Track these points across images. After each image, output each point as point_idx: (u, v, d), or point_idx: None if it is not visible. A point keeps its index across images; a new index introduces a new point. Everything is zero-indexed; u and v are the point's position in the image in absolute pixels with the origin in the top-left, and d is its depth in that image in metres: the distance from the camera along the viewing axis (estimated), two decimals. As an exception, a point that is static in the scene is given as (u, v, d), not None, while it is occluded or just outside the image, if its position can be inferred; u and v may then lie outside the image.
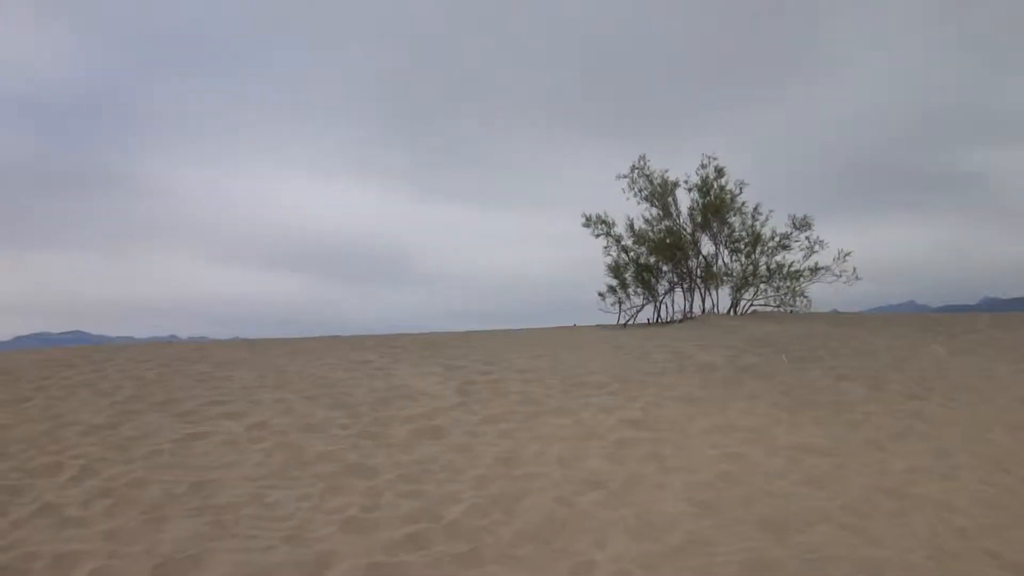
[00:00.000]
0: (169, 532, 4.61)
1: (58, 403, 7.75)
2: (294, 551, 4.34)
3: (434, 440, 6.46)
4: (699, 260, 17.45)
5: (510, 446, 6.28)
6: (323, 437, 6.51)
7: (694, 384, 8.50)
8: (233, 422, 6.97)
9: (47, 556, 4.26)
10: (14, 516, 4.85)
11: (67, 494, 5.23)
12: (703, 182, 17.23)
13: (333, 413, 7.25)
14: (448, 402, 7.72)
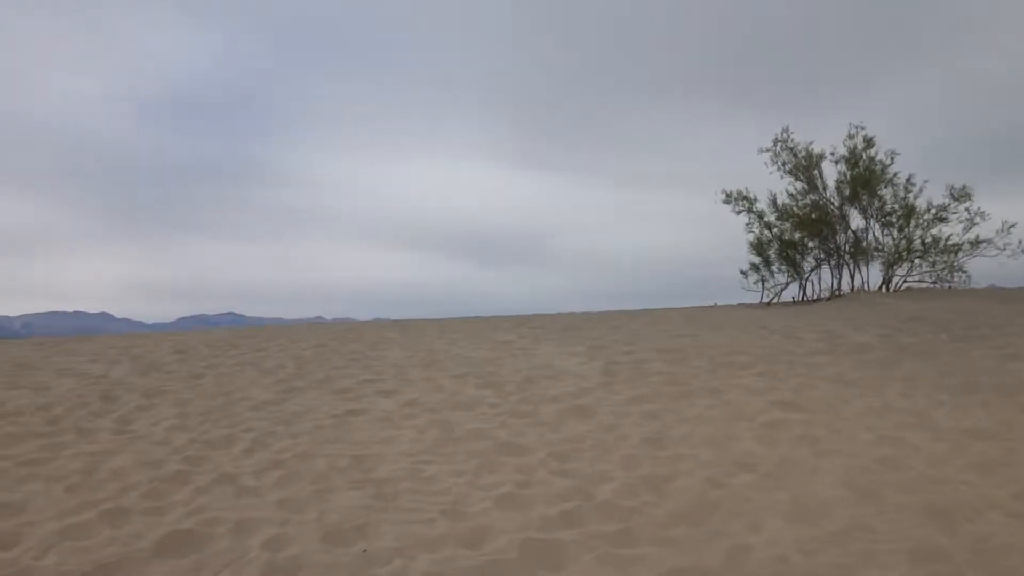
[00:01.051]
0: (335, 502, 4.88)
1: (228, 380, 8.29)
2: (453, 525, 4.52)
3: (581, 419, 6.56)
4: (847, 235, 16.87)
5: (657, 427, 6.31)
6: (473, 415, 6.73)
7: (846, 365, 8.28)
8: (387, 399, 7.28)
9: (228, 522, 4.59)
10: (196, 484, 5.24)
11: (241, 465, 5.61)
12: (851, 153, 16.62)
13: (482, 392, 7.47)
14: (592, 382, 7.80)
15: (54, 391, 7.90)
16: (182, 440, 6.17)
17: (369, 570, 3.97)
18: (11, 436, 6.26)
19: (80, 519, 4.63)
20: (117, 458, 5.74)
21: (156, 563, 4.09)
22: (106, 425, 6.62)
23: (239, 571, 3.97)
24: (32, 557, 4.17)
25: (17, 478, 5.34)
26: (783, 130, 17.01)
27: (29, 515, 4.73)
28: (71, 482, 5.27)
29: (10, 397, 7.60)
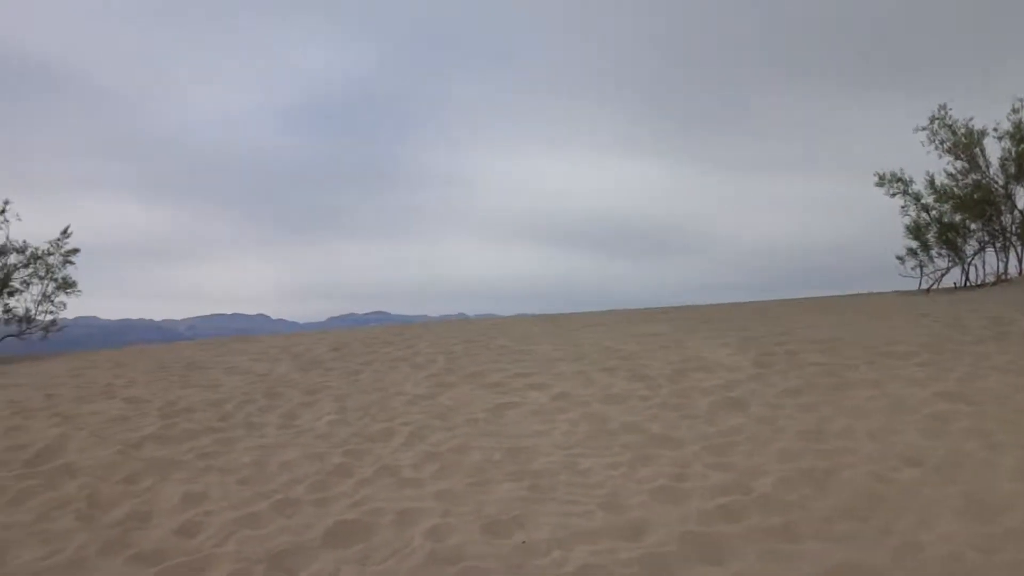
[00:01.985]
0: (493, 494, 4.97)
1: (383, 376, 8.56)
2: (610, 517, 4.53)
3: (735, 412, 6.43)
4: (1014, 215, 15.84)
5: (814, 419, 6.12)
6: (625, 408, 6.71)
7: (1017, 353, 7.79)
8: (538, 392, 7.35)
9: (391, 512, 4.74)
10: (359, 476, 5.44)
11: (400, 457, 5.79)
12: (1016, 128, 15.59)
13: (632, 384, 7.43)
14: (744, 374, 7.64)
15: (223, 388, 8.36)
16: (344, 434, 6.42)
17: (529, 561, 4.03)
18: (188, 431, 6.67)
19: (254, 509, 4.90)
20: (284, 451, 6.03)
21: (325, 551, 4.28)
22: (272, 420, 6.96)
23: (403, 560, 4.10)
24: (213, 544, 4.44)
25: (197, 470, 5.69)
26: (940, 107, 16.11)
27: (208, 504, 5.03)
28: (244, 474, 5.57)
29: (184, 395, 8.10)
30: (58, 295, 15.30)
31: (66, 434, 6.64)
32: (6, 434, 6.72)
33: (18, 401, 8.15)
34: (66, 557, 4.32)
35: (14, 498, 5.23)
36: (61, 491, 5.35)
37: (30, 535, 4.64)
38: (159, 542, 4.50)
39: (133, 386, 8.79)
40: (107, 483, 5.49)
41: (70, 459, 5.97)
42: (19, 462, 5.94)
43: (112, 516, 4.92)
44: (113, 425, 6.95)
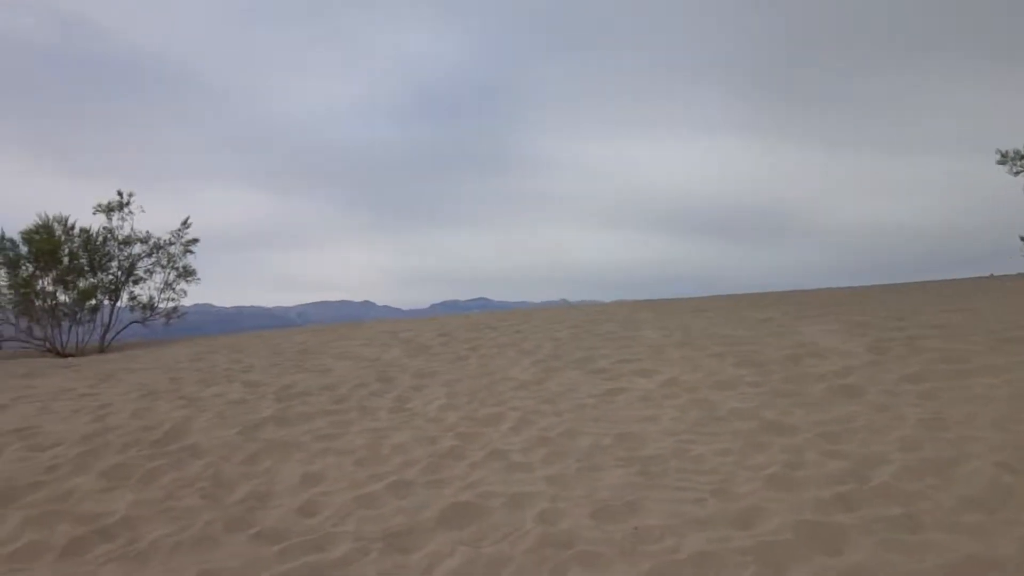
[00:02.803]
0: (603, 480, 4.97)
1: (490, 361, 8.66)
2: (722, 505, 4.47)
3: (850, 399, 6.26)
4: None
5: (935, 407, 5.89)
6: (735, 394, 6.60)
7: None
8: (646, 379, 7.31)
9: (503, 495, 4.80)
10: (470, 460, 5.52)
11: (510, 441, 5.84)
12: None
13: (742, 371, 7.31)
14: (860, 360, 7.41)
15: (335, 373, 8.60)
16: (453, 418, 6.52)
17: (641, 547, 4.01)
18: (304, 414, 6.88)
19: (370, 490, 5.02)
20: (397, 434, 6.17)
21: (440, 532, 4.36)
22: (384, 404, 7.12)
23: (517, 542, 4.14)
24: (332, 524, 4.57)
25: (314, 452, 5.88)
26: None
27: (327, 485, 5.19)
28: (359, 456, 5.72)
29: (299, 379, 8.36)
30: (179, 283, 15.98)
31: (190, 416, 6.95)
32: (135, 415, 7.06)
33: (146, 384, 8.56)
34: (194, 534, 4.51)
35: (144, 477, 5.50)
36: (187, 470, 5.59)
37: (160, 512, 4.86)
38: (280, 521, 4.66)
39: (251, 371, 9.13)
40: (229, 463, 5.71)
41: (195, 440, 6.24)
42: (148, 442, 6.23)
43: (235, 495, 5.11)
44: (233, 407, 7.23)
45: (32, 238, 14.62)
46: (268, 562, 4.10)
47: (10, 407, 7.81)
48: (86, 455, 5.95)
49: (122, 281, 15.63)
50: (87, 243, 15.18)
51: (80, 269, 15.04)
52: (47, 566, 4.20)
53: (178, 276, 15.94)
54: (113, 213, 15.52)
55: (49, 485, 5.37)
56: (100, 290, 15.32)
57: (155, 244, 15.80)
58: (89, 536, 4.52)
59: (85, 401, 7.87)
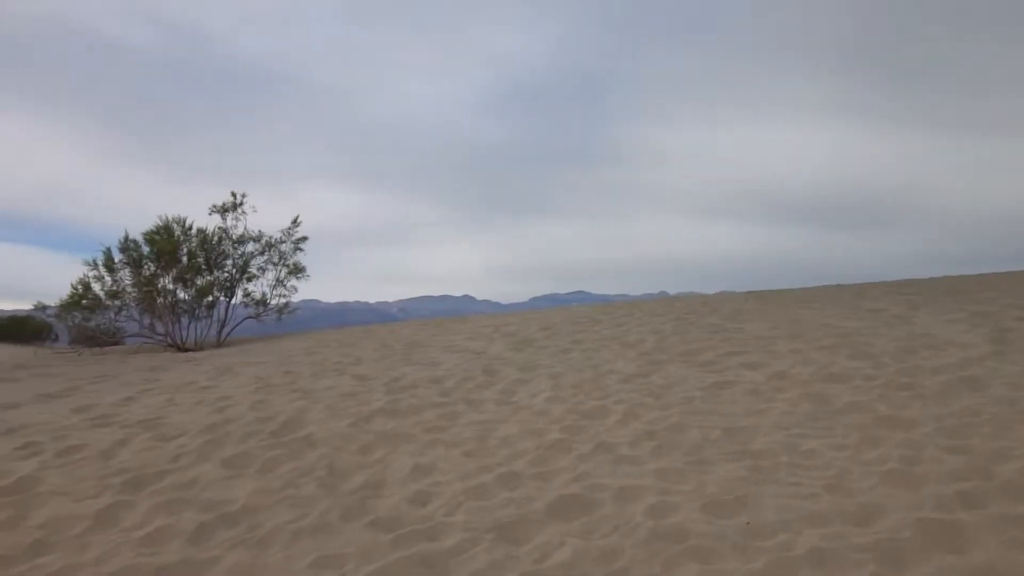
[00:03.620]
0: (712, 474, 4.92)
1: (594, 354, 8.66)
2: (837, 500, 4.37)
3: (971, 392, 6.02)
4: None
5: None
6: (848, 387, 6.44)
7: None
8: (753, 372, 7.19)
9: (611, 488, 4.80)
10: (577, 452, 5.54)
11: (617, 434, 5.84)
12: None
13: (855, 363, 7.12)
14: (980, 351, 7.13)
15: (442, 366, 8.74)
16: (559, 411, 6.55)
17: (754, 542, 3.97)
18: (413, 406, 7.02)
19: (479, 481, 5.10)
20: (504, 427, 6.24)
21: (549, 524, 4.39)
22: (491, 396, 7.21)
23: (627, 536, 4.15)
24: (444, 514, 4.66)
25: (424, 443, 5.99)
26: None
27: (437, 476, 5.29)
28: (467, 448, 5.81)
29: (407, 373, 8.53)
30: (290, 280, 16.47)
31: (305, 407, 7.17)
32: (254, 407, 7.33)
33: (262, 377, 8.88)
34: (312, 521, 4.67)
35: (264, 466, 5.71)
36: (304, 460, 5.78)
37: (279, 500, 5.05)
38: (393, 510, 4.78)
39: (360, 364, 9.35)
40: (344, 453, 5.88)
41: (310, 431, 6.44)
42: (266, 433, 6.47)
43: (350, 484, 5.26)
44: (345, 400, 7.43)
45: (153, 239, 15.30)
46: (383, 550, 4.21)
47: (137, 399, 8.21)
48: (208, 445, 6.21)
49: (236, 278, 16.20)
50: (204, 243, 15.79)
51: (198, 268, 15.66)
52: (176, 550, 4.41)
53: (289, 273, 16.43)
54: (227, 213, 16.10)
55: (175, 473, 5.63)
56: (216, 287, 15.92)
57: (267, 242, 16.32)
58: (214, 522, 4.73)
59: (206, 393, 8.21)
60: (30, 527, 4.83)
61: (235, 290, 16.27)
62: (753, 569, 3.69)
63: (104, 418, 7.33)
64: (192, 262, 15.57)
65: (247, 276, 16.30)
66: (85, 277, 15.18)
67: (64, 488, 5.45)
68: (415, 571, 3.96)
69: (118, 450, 6.22)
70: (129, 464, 5.85)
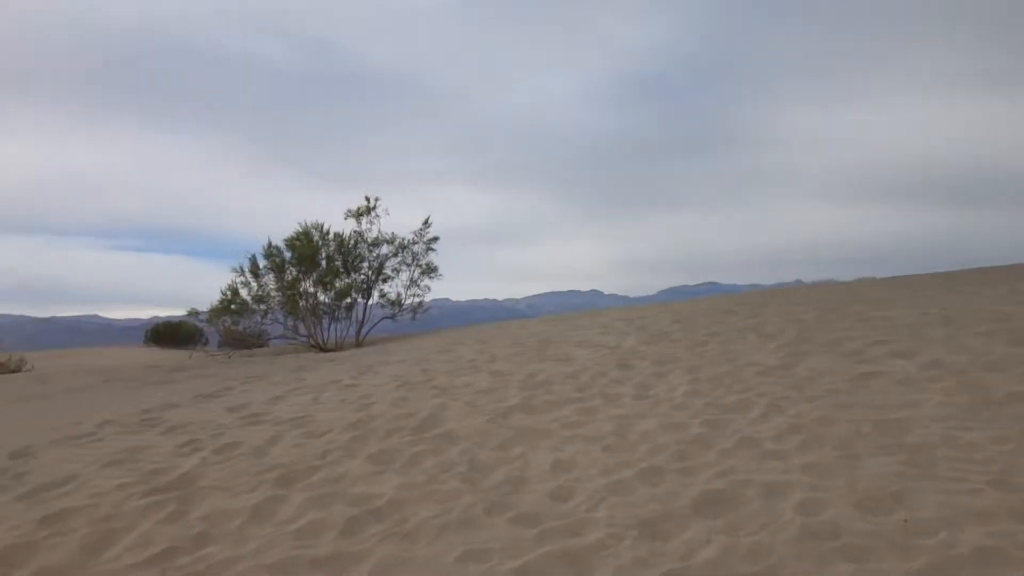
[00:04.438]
0: (864, 469, 4.73)
1: (731, 346, 8.47)
2: (1003, 496, 4.13)
3: None
4: None
5: None
6: (1012, 376, 6.07)
7: None
8: (904, 361, 6.88)
9: (757, 484, 4.68)
10: (720, 447, 5.43)
11: (760, 429, 5.69)
12: None
13: (1016, 349, 6.71)
14: None
15: (576, 361, 8.73)
16: (698, 404, 6.44)
17: (913, 541, 3.79)
18: (550, 402, 7.05)
19: (620, 477, 5.07)
20: (643, 422, 6.18)
21: (694, 520, 4.32)
22: (627, 391, 7.16)
23: (776, 533, 4.03)
24: (586, 509, 4.65)
25: (562, 439, 6.00)
26: None
27: (577, 472, 5.29)
28: (607, 443, 5.78)
29: (542, 368, 8.57)
30: (423, 279, 16.86)
31: (444, 404, 7.30)
32: (395, 404, 7.52)
33: (401, 375, 9.10)
34: (457, 516, 4.74)
35: (407, 461, 5.84)
36: (445, 456, 5.88)
37: (424, 495, 5.15)
38: (535, 505, 4.80)
39: (495, 361, 9.46)
40: (483, 449, 5.95)
41: (450, 427, 6.55)
42: (408, 429, 6.62)
43: (491, 479, 5.32)
44: (482, 396, 7.52)
45: (294, 244, 15.95)
46: (527, 545, 4.23)
47: (286, 398, 8.56)
48: (354, 441, 6.40)
49: (372, 280, 16.71)
50: (341, 246, 16.35)
51: (336, 271, 16.23)
52: (328, 543, 4.55)
53: (422, 273, 16.82)
54: (362, 217, 16.63)
55: (324, 469, 5.83)
56: (354, 289, 16.46)
57: (400, 244, 16.76)
58: (363, 516, 4.86)
59: (349, 392, 8.47)
60: (193, 520, 5.08)
61: (371, 291, 16.78)
62: (912, 568, 3.53)
63: (256, 416, 7.67)
64: (331, 265, 16.14)
65: (382, 277, 16.78)
66: (233, 283, 15.96)
67: (223, 483, 5.72)
68: (559, 566, 3.97)
69: (270, 447, 6.49)
70: (281, 460, 6.10)
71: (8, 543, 4.87)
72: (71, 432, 7.85)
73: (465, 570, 4.03)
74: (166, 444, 6.93)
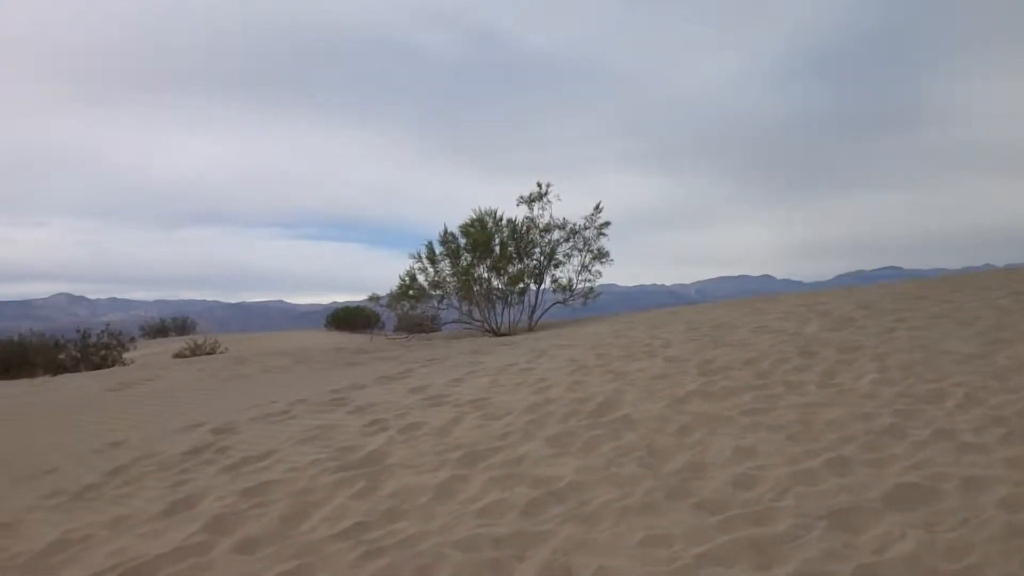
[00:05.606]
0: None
1: (922, 333, 8.05)
2: None
3: None
4: None
5: None
6: None
7: None
8: (1122, 351, 6.34)
9: (954, 478, 4.45)
10: (913, 438, 5.19)
11: (956, 420, 5.39)
12: None
13: None
14: None
15: (755, 347, 8.53)
16: (888, 394, 6.17)
17: None
18: (728, 388, 6.93)
19: (806, 466, 4.93)
20: (828, 410, 5.98)
21: (887, 514, 4.15)
22: (810, 379, 6.94)
23: (977, 530, 3.83)
24: (771, 498, 4.55)
25: (744, 426, 5.90)
26: None
27: (760, 459, 5.18)
28: (791, 431, 5.64)
29: (718, 354, 8.43)
30: (594, 265, 16.89)
31: (620, 389, 7.32)
32: (571, 388, 7.61)
33: (575, 359, 9.18)
34: (637, 500, 4.75)
35: (585, 445, 5.90)
36: (623, 440, 5.90)
37: (603, 479, 5.18)
38: (717, 492, 4.74)
39: (669, 346, 9.38)
40: (661, 435, 5.93)
41: (627, 412, 6.56)
42: (584, 413, 6.68)
43: (670, 465, 5.29)
44: (658, 382, 7.49)
45: (469, 231, 16.35)
46: (710, 532, 4.19)
47: (464, 381, 8.82)
48: (532, 424, 6.52)
49: (544, 265, 16.89)
50: (513, 232, 16.61)
51: (509, 256, 16.51)
52: (510, 522, 4.66)
53: (593, 258, 16.85)
54: (533, 204, 16.82)
55: (504, 450, 5.97)
56: (526, 275, 16.70)
57: (571, 230, 16.84)
58: (543, 498, 4.95)
59: (525, 375, 8.63)
60: (382, 496, 5.32)
61: (543, 277, 16.96)
62: None
63: (437, 398, 7.95)
64: (504, 251, 16.42)
65: (554, 263, 16.92)
66: (411, 269, 16.52)
67: (408, 461, 5.97)
68: (745, 555, 3.91)
69: (452, 428, 6.72)
70: (463, 441, 6.30)
71: (216, 512, 5.27)
72: (267, 410, 8.40)
73: (648, 554, 4.03)
74: (354, 423, 7.30)
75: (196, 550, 4.70)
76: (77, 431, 8.67)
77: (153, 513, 5.47)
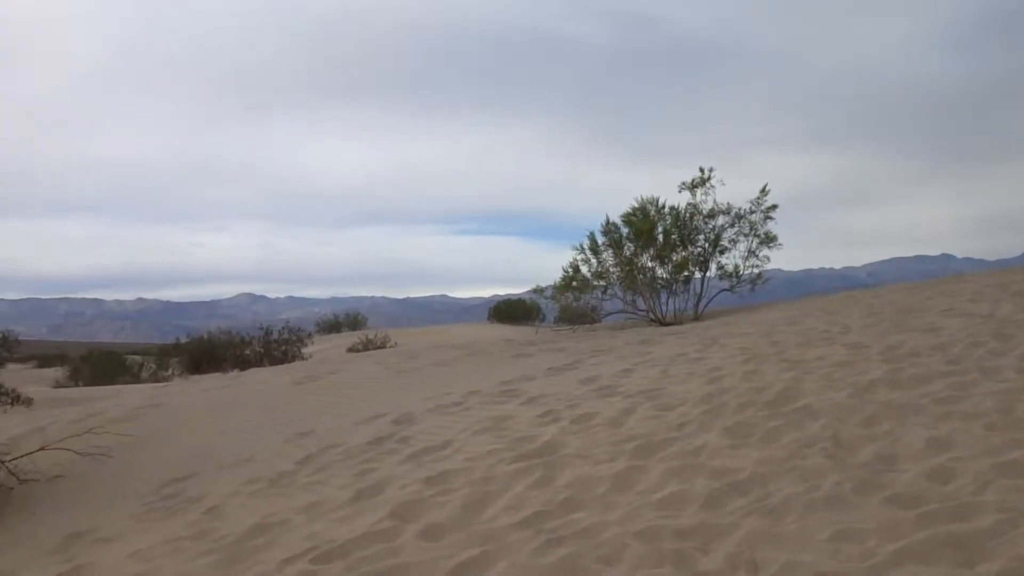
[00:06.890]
0: None
1: None
2: None
3: None
4: None
5: None
6: None
7: None
8: None
9: None
10: None
11: None
12: None
13: None
14: None
15: (944, 332, 8.05)
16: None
17: None
18: (916, 376, 6.57)
19: (1010, 458, 4.60)
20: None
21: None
22: (1008, 364, 6.48)
23: None
24: (970, 492, 4.29)
25: (936, 415, 5.57)
26: None
27: (957, 451, 4.88)
28: (989, 420, 5.28)
29: (904, 340, 8.00)
30: (761, 250, 16.41)
31: (797, 378, 7.07)
32: (745, 378, 7.42)
33: (748, 348, 8.95)
34: (824, 493, 4.57)
35: (765, 436, 5.73)
36: (805, 431, 5.69)
37: (786, 471, 5.02)
38: (911, 486, 4.50)
39: (849, 332, 9.00)
40: (846, 425, 5.68)
41: (807, 401, 6.33)
42: (761, 403, 6.49)
43: (858, 457, 5.07)
44: (839, 370, 7.19)
45: (631, 220, 16.24)
46: (906, 527, 3.99)
47: (634, 371, 8.77)
48: (707, 415, 6.40)
49: (709, 252, 16.55)
50: (676, 220, 16.37)
51: (673, 244, 16.29)
52: (692, 514, 4.60)
53: (760, 243, 16.37)
54: (696, 189, 16.50)
55: (680, 441, 5.89)
56: (691, 262, 16.42)
57: (736, 214, 16.42)
58: (724, 490, 4.85)
59: (696, 365, 8.49)
60: (559, 486, 5.37)
61: (708, 264, 16.64)
62: None
63: (608, 389, 7.94)
64: (667, 239, 16.22)
65: (719, 249, 16.57)
66: (574, 260, 16.58)
67: (583, 452, 5.99)
68: (945, 552, 3.71)
69: (625, 418, 6.69)
70: (637, 431, 6.26)
71: (402, 500, 5.48)
72: (442, 401, 8.64)
73: (839, 550, 3.89)
74: (527, 414, 7.39)
75: (384, 536, 4.90)
76: (270, 422, 9.21)
77: (342, 500, 5.75)
